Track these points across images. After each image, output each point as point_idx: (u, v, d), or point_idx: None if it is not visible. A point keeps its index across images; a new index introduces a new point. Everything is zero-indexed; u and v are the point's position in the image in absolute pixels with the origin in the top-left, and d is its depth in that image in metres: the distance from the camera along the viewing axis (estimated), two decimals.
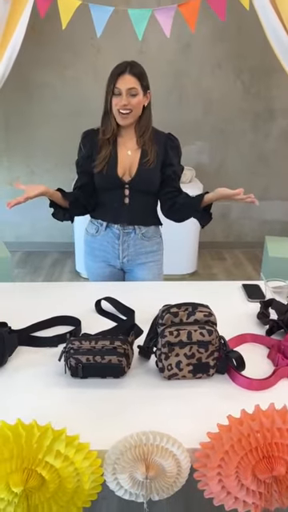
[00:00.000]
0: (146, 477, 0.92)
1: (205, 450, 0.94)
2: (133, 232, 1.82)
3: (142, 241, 1.84)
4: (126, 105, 1.64)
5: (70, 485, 0.93)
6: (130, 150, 1.75)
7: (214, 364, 1.18)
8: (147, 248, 1.86)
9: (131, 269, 1.89)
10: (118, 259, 1.86)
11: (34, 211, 4.18)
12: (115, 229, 1.82)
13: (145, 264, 1.88)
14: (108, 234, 1.83)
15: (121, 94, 1.63)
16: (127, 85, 1.62)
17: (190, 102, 3.92)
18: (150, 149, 1.74)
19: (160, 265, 1.94)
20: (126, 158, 1.75)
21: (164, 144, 1.77)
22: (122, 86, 1.62)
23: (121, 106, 1.64)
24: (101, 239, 1.85)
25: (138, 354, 1.27)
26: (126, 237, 1.82)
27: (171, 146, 1.79)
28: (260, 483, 0.96)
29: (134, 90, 1.64)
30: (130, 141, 1.76)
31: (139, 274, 1.88)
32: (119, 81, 1.62)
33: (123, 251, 1.84)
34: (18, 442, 0.89)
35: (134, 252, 1.85)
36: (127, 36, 3.20)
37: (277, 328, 1.42)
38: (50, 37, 3.58)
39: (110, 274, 1.90)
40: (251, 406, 0.96)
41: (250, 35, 3.59)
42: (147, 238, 1.85)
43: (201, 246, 3.84)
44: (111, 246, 1.84)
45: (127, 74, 1.63)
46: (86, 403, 1.11)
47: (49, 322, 1.43)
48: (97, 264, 1.90)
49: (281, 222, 4.33)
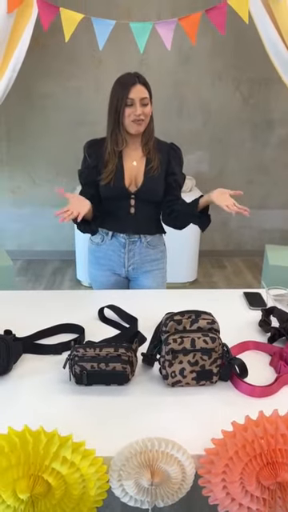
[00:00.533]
0: (152, 483, 0.93)
1: (209, 455, 0.95)
2: (138, 241, 1.84)
3: (147, 249, 1.86)
4: (140, 114, 1.66)
5: (75, 491, 0.93)
6: (136, 161, 1.78)
7: (217, 371, 1.19)
8: (152, 256, 1.88)
9: (136, 277, 1.91)
10: (123, 267, 1.87)
11: (35, 219, 4.23)
12: (121, 238, 1.83)
13: (150, 272, 1.89)
14: (114, 242, 1.85)
15: (133, 104, 1.66)
16: (140, 94, 1.65)
17: (190, 113, 3.97)
18: (154, 156, 1.77)
19: (164, 273, 1.96)
20: (132, 168, 1.77)
21: (167, 153, 1.80)
22: (136, 96, 1.65)
23: (136, 115, 1.66)
24: (106, 248, 1.86)
25: (142, 362, 1.28)
26: (131, 245, 1.84)
27: (173, 155, 1.82)
28: (264, 489, 0.97)
29: (146, 100, 1.67)
30: (135, 151, 1.79)
31: (144, 282, 1.90)
32: (132, 91, 1.64)
33: (129, 259, 1.85)
34: (25, 448, 0.90)
35: (140, 260, 1.86)
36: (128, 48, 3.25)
37: (278, 336, 1.43)
38: (52, 49, 3.64)
39: (115, 283, 1.91)
40: (254, 412, 0.97)
41: (249, 48, 3.65)
42: (152, 246, 1.87)
43: (201, 254, 3.86)
44: (117, 255, 1.86)
45: (138, 84, 1.66)
46: (90, 410, 1.12)
47: (53, 329, 1.44)
48: (102, 272, 1.91)
49: (280, 231, 4.36)
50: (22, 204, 4.17)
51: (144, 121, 1.70)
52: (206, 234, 4.15)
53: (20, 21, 2.39)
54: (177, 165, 1.83)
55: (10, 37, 2.41)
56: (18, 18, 2.37)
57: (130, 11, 3.60)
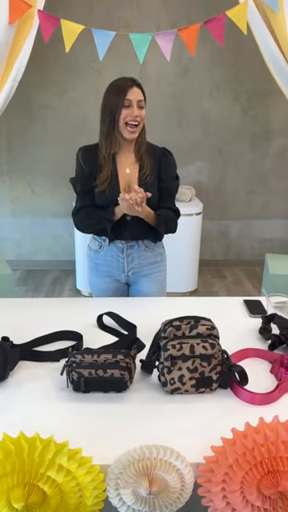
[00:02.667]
0: (150, 492, 0.91)
1: (209, 464, 0.93)
2: (136, 245, 1.82)
3: (145, 252, 1.84)
4: (137, 116, 1.66)
5: (71, 500, 0.91)
6: (128, 168, 1.77)
7: (216, 378, 1.17)
8: (151, 259, 1.86)
9: (135, 281, 1.88)
10: (123, 273, 1.85)
11: (35, 229, 4.23)
12: (119, 243, 1.82)
13: (149, 276, 1.87)
14: (112, 248, 1.83)
15: (131, 105, 1.64)
16: (137, 96, 1.65)
17: (190, 123, 4.00)
18: (146, 162, 1.76)
19: (164, 275, 1.93)
20: (126, 175, 1.77)
21: (159, 159, 1.79)
22: (133, 97, 1.64)
23: (132, 117, 1.65)
24: (104, 254, 1.85)
25: (141, 369, 1.26)
26: (130, 250, 1.82)
27: (164, 161, 1.80)
28: (265, 499, 0.95)
29: (142, 103, 1.67)
30: (127, 158, 1.77)
31: (144, 286, 1.87)
32: (129, 93, 1.64)
33: (128, 264, 1.84)
34: (20, 455, 0.88)
35: (139, 264, 1.84)
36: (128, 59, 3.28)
37: (279, 343, 1.41)
38: (53, 60, 3.67)
39: (115, 290, 1.89)
40: (255, 420, 0.95)
41: (249, 59, 3.69)
42: (150, 249, 1.85)
43: (201, 264, 3.85)
44: (116, 261, 1.84)
45: (135, 86, 1.66)
46: (88, 418, 1.10)
47: (51, 336, 1.42)
48: (101, 279, 1.89)
49: (279, 240, 4.36)
50: (21, 214, 4.17)
51: (139, 125, 1.69)
52: (206, 244, 4.16)
53: (21, 32, 2.41)
54: (168, 171, 1.81)
55: (12, 48, 2.43)
56: (19, 29, 2.40)
57: (130, 23, 3.65)
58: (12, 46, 2.43)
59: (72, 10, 3.52)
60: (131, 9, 3.65)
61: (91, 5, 3.60)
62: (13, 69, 2.48)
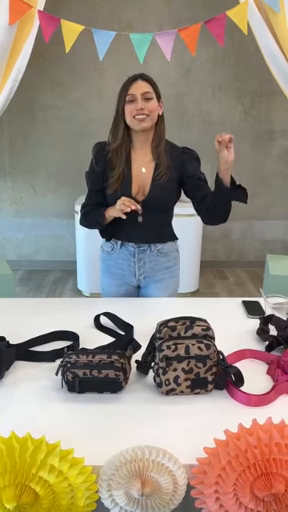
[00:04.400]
0: (142, 493, 0.90)
1: (202, 465, 0.92)
2: (148, 249, 1.77)
3: (157, 257, 1.79)
4: (143, 109, 1.59)
5: (63, 501, 0.91)
6: (144, 167, 1.71)
7: (212, 379, 1.17)
8: (163, 264, 1.81)
9: (147, 285, 1.84)
10: (134, 277, 1.81)
11: (36, 230, 4.23)
12: (130, 247, 1.77)
13: (161, 282, 1.82)
14: (123, 251, 1.78)
15: (135, 100, 1.60)
16: (141, 89, 1.60)
17: (191, 124, 3.99)
18: (163, 161, 1.68)
19: (176, 281, 1.89)
20: (140, 175, 1.70)
21: (180, 158, 1.72)
22: (137, 91, 1.60)
23: (137, 111, 1.60)
24: (116, 257, 1.80)
25: (136, 369, 1.25)
26: (141, 254, 1.77)
27: (187, 158, 1.73)
28: (259, 502, 0.94)
29: (149, 94, 1.61)
30: (143, 156, 1.71)
31: (155, 292, 1.83)
32: (132, 87, 1.60)
33: (139, 269, 1.79)
34: (12, 455, 0.88)
35: (150, 269, 1.79)
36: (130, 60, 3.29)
37: (276, 344, 1.40)
38: (54, 61, 3.68)
39: (125, 293, 1.85)
40: (250, 422, 0.94)
41: (250, 59, 3.68)
42: (163, 253, 1.79)
43: (203, 264, 3.84)
44: (127, 264, 1.79)
45: (140, 80, 1.61)
46: (82, 418, 1.10)
47: (47, 336, 1.42)
48: (113, 281, 1.84)
49: (282, 242, 4.34)
50: (23, 214, 4.18)
51: (149, 116, 1.62)
52: (208, 245, 4.15)
53: (22, 32, 2.42)
54: (193, 166, 1.73)
55: (12, 48, 2.44)
56: (19, 29, 2.40)
57: (132, 24, 3.65)
58: (12, 46, 2.43)
59: (74, 11, 3.53)
60: (133, 10, 3.65)
61: (93, 6, 3.61)
62: (13, 69, 2.49)
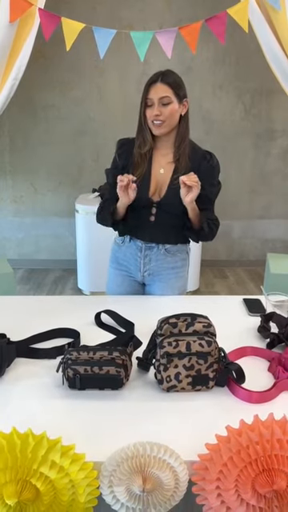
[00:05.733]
0: (143, 489, 0.90)
1: (203, 461, 0.92)
2: (156, 247, 1.76)
3: (164, 256, 1.77)
4: (159, 115, 1.58)
5: (65, 497, 0.90)
6: (163, 167, 1.70)
7: (213, 376, 1.17)
8: (170, 264, 1.78)
9: (151, 283, 1.83)
10: (139, 272, 1.80)
11: (37, 229, 4.23)
12: (138, 242, 1.77)
13: (166, 281, 1.80)
14: (131, 246, 1.79)
15: (152, 104, 1.59)
16: (159, 94, 1.57)
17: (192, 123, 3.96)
18: (183, 165, 1.66)
19: (183, 281, 1.85)
20: (159, 176, 1.70)
21: (198, 163, 1.68)
22: (154, 96, 1.58)
23: (153, 116, 1.59)
24: (125, 250, 1.81)
25: (137, 366, 1.25)
26: (148, 251, 1.76)
27: (205, 166, 1.69)
28: (260, 498, 0.94)
29: (167, 99, 1.58)
30: (165, 156, 1.70)
31: (159, 291, 1.81)
32: (151, 91, 1.58)
33: (144, 265, 1.78)
34: (13, 451, 0.87)
35: (156, 267, 1.78)
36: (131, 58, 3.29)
37: (277, 341, 1.40)
38: (54, 59, 3.68)
39: (130, 288, 1.84)
40: (251, 418, 0.94)
41: (251, 58, 3.67)
42: (171, 253, 1.77)
43: (203, 264, 3.83)
44: (133, 259, 1.80)
45: (159, 82, 1.58)
46: (83, 415, 1.09)
47: (48, 334, 1.42)
48: (119, 272, 1.84)
49: (282, 241, 4.33)
50: (24, 213, 4.18)
51: (165, 122, 1.60)
52: (208, 244, 4.13)
53: (22, 30, 2.41)
54: (206, 176, 1.65)
55: (12, 46, 2.43)
56: (20, 27, 2.40)
57: (133, 23, 3.64)
58: (13, 45, 2.43)
59: (74, 10, 3.52)
60: (134, 9, 3.64)
61: (94, 5, 3.61)
62: (14, 67, 2.48)
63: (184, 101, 1.64)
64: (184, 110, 1.66)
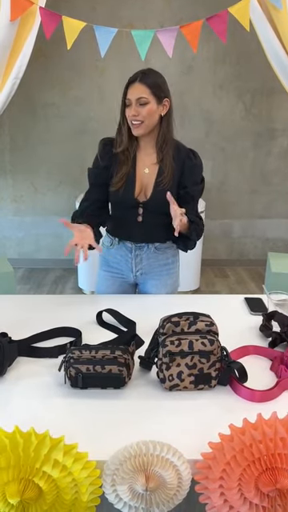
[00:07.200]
0: (146, 488, 0.90)
1: (206, 460, 0.92)
2: (146, 246, 1.75)
3: (155, 254, 1.77)
4: (136, 115, 1.57)
5: (67, 496, 0.90)
6: (148, 168, 1.68)
7: (215, 375, 1.16)
8: (161, 261, 1.79)
9: (144, 282, 1.83)
10: (131, 272, 1.80)
11: (37, 228, 4.23)
12: (128, 243, 1.76)
13: (159, 279, 1.81)
14: (121, 247, 1.78)
15: (130, 104, 1.58)
16: (137, 94, 1.56)
17: (192, 122, 3.98)
18: (167, 166, 1.65)
19: (175, 278, 1.87)
20: (143, 176, 1.68)
21: (182, 162, 1.67)
22: (132, 96, 1.57)
23: (130, 116, 1.59)
24: (115, 252, 1.80)
25: (139, 365, 1.25)
26: (138, 251, 1.76)
27: (189, 165, 1.69)
28: (263, 497, 0.93)
29: (143, 100, 1.56)
30: (148, 156, 1.68)
31: (152, 289, 1.82)
32: (129, 91, 1.58)
33: (136, 265, 1.78)
34: (16, 450, 0.87)
35: (148, 265, 1.78)
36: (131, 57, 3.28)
37: (280, 340, 1.40)
38: (55, 58, 3.67)
39: (119, 286, 1.84)
40: (254, 417, 0.94)
41: (252, 57, 3.67)
42: (161, 251, 1.77)
43: (203, 263, 3.83)
44: (124, 260, 1.79)
45: (137, 82, 1.57)
46: (85, 414, 1.09)
47: (49, 333, 1.42)
48: (110, 274, 1.84)
49: (283, 240, 4.33)
50: (24, 212, 4.17)
51: (144, 123, 1.59)
52: (208, 244, 4.14)
53: (23, 29, 2.41)
54: (191, 175, 1.69)
55: (13, 45, 2.43)
56: (20, 26, 2.39)
57: (133, 22, 3.63)
58: (14, 43, 2.43)
59: (75, 10, 3.51)
60: (134, 7, 3.64)
61: (94, 4, 3.60)
62: (14, 66, 2.48)
63: (164, 101, 1.61)
64: (164, 111, 1.62)
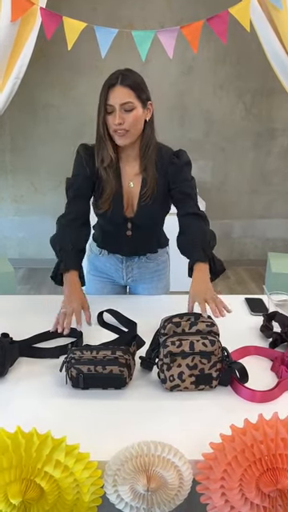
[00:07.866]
0: (147, 489, 0.90)
1: (207, 461, 0.92)
2: (136, 257, 1.73)
3: (146, 263, 1.76)
4: (121, 123, 1.39)
5: (69, 496, 0.90)
6: (132, 181, 1.56)
7: (216, 375, 1.17)
8: (152, 268, 1.78)
9: (135, 287, 1.83)
10: (122, 280, 1.79)
11: (37, 228, 4.23)
12: (118, 255, 1.74)
13: (150, 283, 1.80)
14: (111, 257, 1.76)
15: (113, 111, 1.39)
16: (120, 99, 1.38)
17: (193, 122, 3.98)
18: (150, 176, 1.52)
19: (166, 280, 1.85)
20: (129, 191, 1.57)
21: (165, 171, 1.54)
22: (114, 102, 1.38)
23: (114, 125, 1.40)
24: (105, 261, 1.78)
25: (140, 366, 1.25)
26: (129, 261, 1.74)
27: (172, 171, 1.54)
28: (264, 497, 0.94)
29: (130, 105, 1.39)
30: (131, 168, 1.55)
31: (144, 292, 1.81)
32: (110, 96, 1.39)
33: (127, 274, 1.77)
34: (17, 450, 0.87)
35: (139, 274, 1.77)
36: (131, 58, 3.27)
37: (280, 341, 1.40)
38: (55, 59, 3.67)
39: (112, 290, 1.83)
40: (255, 418, 0.94)
41: (252, 57, 3.67)
42: (152, 259, 1.76)
43: None
44: (114, 269, 1.77)
45: (119, 85, 1.38)
46: (86, 414, 1.09)
47: (50, 333, 1.42)
48: (98, 278, 1.83)
49: (283, 240, 4.34)
50: (24, 212, 4.18)
51: (130, 131, 1.42)
52: None
53: (23, 29, 2.41)
54: (177, 177, 1.55)
55: (14, 45, 2.43)
56: (21, 26, 2.39)
57: (134, 22, 3.64)
58: (14, 44, 2.43)
59: (75, 10, 3.51)
60: (134, 8, 3.64)
61: (94, 4, 3.60)
62: (15, 66, 2.48)
63: (148, 104, 1.46)
64: (149, 115, 1.48)
